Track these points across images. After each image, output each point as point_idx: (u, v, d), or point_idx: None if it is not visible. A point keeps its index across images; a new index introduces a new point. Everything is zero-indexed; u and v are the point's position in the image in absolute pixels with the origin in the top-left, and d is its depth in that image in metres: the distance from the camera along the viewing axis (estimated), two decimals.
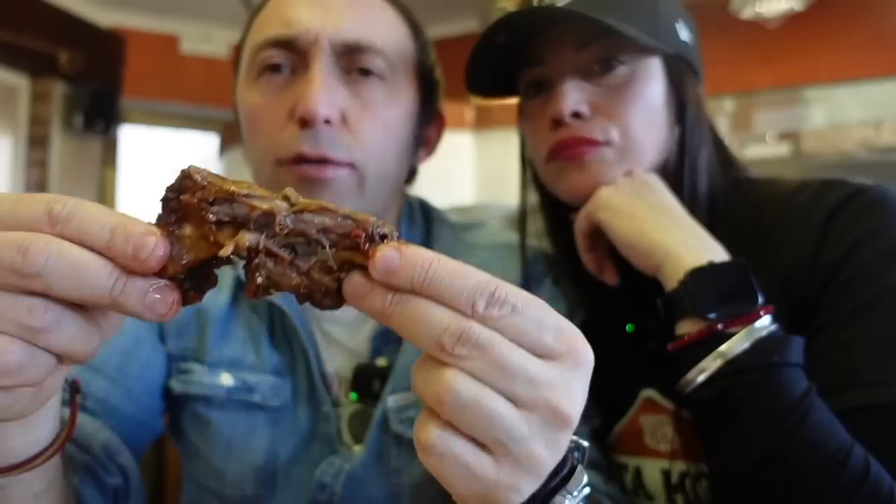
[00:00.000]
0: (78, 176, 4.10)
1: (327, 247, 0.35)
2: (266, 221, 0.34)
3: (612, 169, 0.71)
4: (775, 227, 0.68)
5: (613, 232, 0.68)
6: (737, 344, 0.57)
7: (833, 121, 3.70)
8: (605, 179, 0.71)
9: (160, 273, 0.34)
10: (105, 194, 4.34)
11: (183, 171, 0.35)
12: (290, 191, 0.35)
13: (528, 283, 0.80)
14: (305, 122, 0.67)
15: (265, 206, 0.34)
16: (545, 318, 0.36)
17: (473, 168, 2.93)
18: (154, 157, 5.03)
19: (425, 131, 0.82)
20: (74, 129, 3.97)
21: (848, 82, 3.66)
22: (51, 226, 0.33)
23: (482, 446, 0.35)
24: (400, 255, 0.34)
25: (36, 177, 3.86)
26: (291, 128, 0.69)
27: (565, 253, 0.80)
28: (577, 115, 0.70)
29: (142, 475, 0.71)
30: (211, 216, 0.33)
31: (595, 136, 0.71)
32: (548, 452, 0.36)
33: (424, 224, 0.85)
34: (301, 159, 0.68)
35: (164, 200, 0.34)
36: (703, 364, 0.58)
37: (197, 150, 5.10)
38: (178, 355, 0.76)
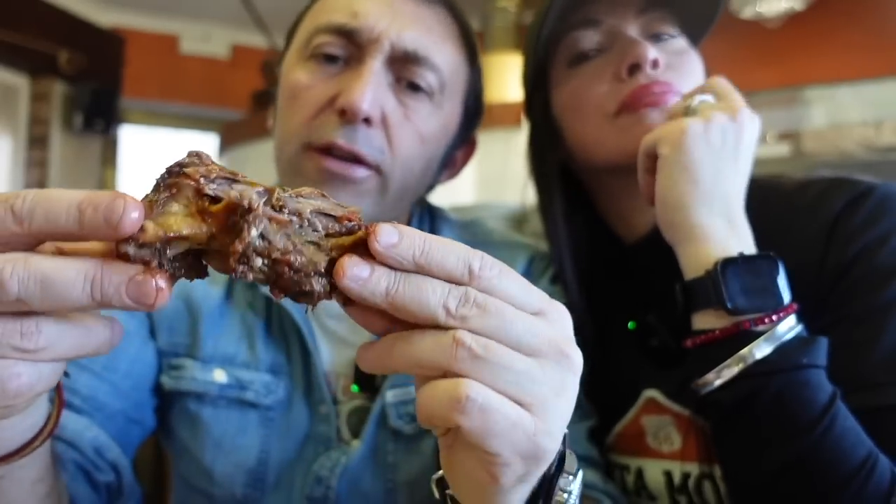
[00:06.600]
0: (78, 176, 4.09)
1: (320, 229, 0.36)
2: (265, 198, 0.36)
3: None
4: (779, 225, 0.67)
5: (661, 176, 0.64)
6: (763, 344, 0.55)
7: (833, 121, 3.69)
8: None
9: (139, 241, 0.33)
10: None
11: (192, 151, 0.36)
12: (285, 188, 0.37)
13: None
14: (345, 114, 0.67)
15: (265, 186, 0.36)
16: (526, 282, 0.39)
17: (473, 168, 2.92)
18: (154, 157, 5.03)
19: (455, 153, 0.83)
20: (74, 128, 3.97)
21: (848, 82, 3.66)
22: (17, 223, 0.32)
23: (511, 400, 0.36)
24: (398, 231, 0.35)
25: (36, 176, 3.85)
26: (329, 115, 0.68)
27: (566, 251, 0.80)
28: (655, 64, 0.70)
29: (141, 475, 0.71)
30: (210, 190, 0.34)
31: (675, 85, 0.70)
32: (569, 393, 0.38)
33: (430, 222, 0.87)
34: (331, 150, 0.67)
35: (162, 177, 0.34)
36: (725, 364, 0.56)
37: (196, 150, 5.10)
38: (169, 351, 0.75)
